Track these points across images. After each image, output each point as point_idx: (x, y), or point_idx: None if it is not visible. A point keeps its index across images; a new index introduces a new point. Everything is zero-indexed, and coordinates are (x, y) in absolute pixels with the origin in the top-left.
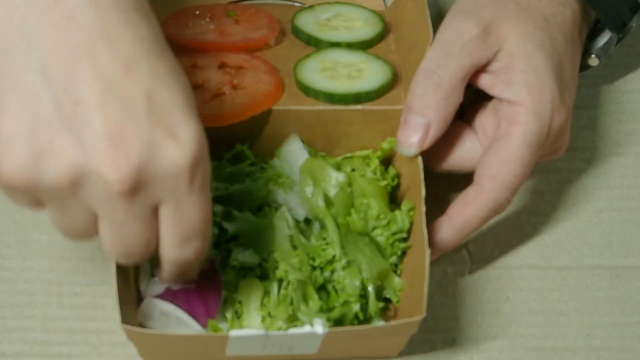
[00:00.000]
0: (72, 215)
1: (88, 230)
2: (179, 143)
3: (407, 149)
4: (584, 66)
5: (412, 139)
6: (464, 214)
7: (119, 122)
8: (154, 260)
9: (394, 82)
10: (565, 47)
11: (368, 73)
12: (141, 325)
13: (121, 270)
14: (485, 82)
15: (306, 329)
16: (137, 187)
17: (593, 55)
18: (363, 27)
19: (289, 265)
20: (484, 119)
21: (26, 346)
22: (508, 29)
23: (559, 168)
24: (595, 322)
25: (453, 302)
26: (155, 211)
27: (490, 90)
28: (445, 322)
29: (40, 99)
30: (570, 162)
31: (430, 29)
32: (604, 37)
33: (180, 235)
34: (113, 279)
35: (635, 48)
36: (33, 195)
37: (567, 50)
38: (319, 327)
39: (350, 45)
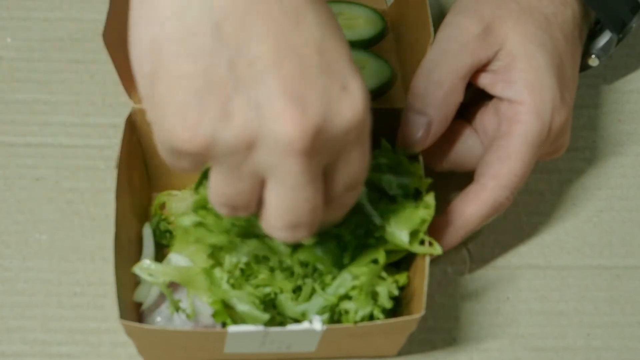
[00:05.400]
0: (239, 180)
1: (251, 200)
2: (351, 96)
3: (408, 147)
4: (584, 66)
5: (413, 137)
6: (464, 212)
7: (295, 79)
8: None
9: (394, 81)
10: (566, 46)
11: (368, 72)
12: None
13: (120, 267)
14: (485, 82)
15: (305, 325)
16: (316, 146)
17: (593, 56)
18: (364, 26)
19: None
20: (485, 118)
21: (26, 346)
22: (509, 29)
23: (559, 168)
24: (595, 322)
25: (453, 302)
26: (325, 170)
27: (490, 90)
28: (445, 322)
29: (213, 61)
30: (570, 162)
31: (431, 28)
32: (604, 38)
33: (345, 185)
34: (112, 275)
35: (635, 48)
36: (203, 160)
37: (567, 50)
38: (318, 323)
39: (351, 44)
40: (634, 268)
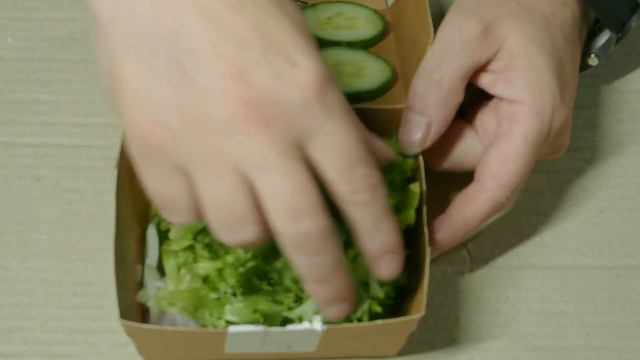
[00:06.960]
0: (222, 182)
1: (247, 208)
2: (300, 69)
3: (408, 147)
4: (583, 66)
5: (413, 137)
6: (464, 212)
7: (236, 60)
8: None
9: (394, 81)
10: (566, 46)
11: (368, 72)
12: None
13: (121, 267)
14: (485, 81)
15: (305, 325)
16: (267, 117)
17: (593, 55)
18: (364, 26)
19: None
20: (485, 118)
21: (26, 346)
22: (508, 29)
23: (559, 168)
24: (595, 322)
25: (453, 302)
26: (304, 156)
27: (490, 90)
28: (445, 322)
29: (157, 61)
30: (570, 162)
31: (431, 28)
32: (604, 37)
33: (343, 162)
34: (112, 275)
35: (635, 48)
36: (174, 161)
37: (567, 50)
38: (318, 323)
39: (351, 44)
40: (634, 268)
